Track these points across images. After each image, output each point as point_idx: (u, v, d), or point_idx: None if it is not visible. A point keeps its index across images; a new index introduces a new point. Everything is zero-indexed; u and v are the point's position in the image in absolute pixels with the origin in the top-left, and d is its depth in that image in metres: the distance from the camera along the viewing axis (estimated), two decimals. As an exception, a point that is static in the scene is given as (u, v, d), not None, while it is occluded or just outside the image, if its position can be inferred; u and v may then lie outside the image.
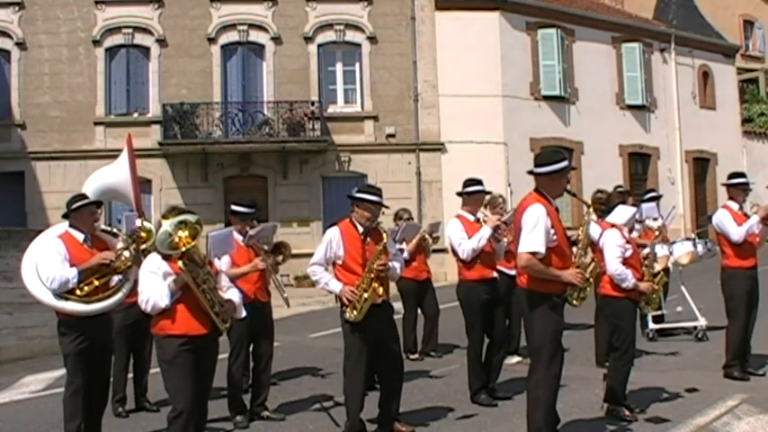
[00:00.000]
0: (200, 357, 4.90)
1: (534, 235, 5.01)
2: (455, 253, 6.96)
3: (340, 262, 5.88)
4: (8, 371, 9.73)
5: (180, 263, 4.75)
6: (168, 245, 4.73)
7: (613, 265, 6.11)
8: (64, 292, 5.48)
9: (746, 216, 7.29)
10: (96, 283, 5.58)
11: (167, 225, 4.77)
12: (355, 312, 5.72)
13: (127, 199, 6.85)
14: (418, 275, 9.30)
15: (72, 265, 5.53)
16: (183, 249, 4.71)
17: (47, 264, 5.52)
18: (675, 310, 10.00)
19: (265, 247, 6.76)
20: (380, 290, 5.75)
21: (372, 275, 5.75)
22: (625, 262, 6.18)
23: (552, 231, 5.09)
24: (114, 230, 6.23)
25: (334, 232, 5.94)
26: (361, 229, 5.91)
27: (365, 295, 5.71)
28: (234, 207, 6.87)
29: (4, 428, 7.00)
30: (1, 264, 10.62)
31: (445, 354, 9.43)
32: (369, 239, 5.90)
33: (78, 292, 5.51)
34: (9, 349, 10.53)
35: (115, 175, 6.81)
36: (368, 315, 5.73)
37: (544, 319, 5.10)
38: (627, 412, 6.10)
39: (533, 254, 5.02)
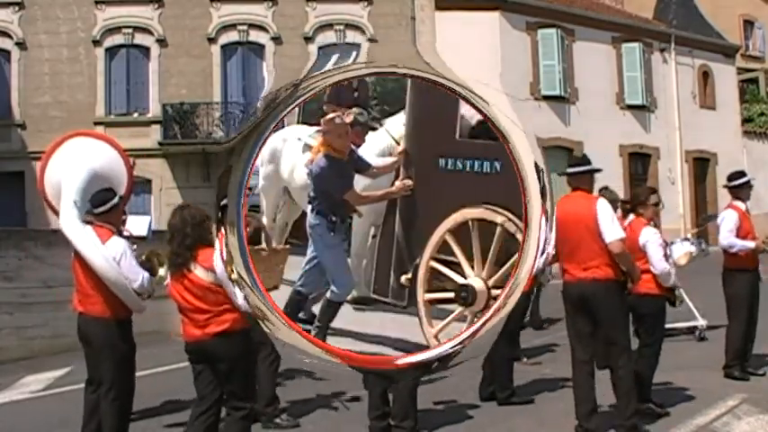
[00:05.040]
0: None
1: (617, 224, 5.39)
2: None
3: None
4: (8, 371, 9.71)
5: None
6: None
7: (662, 264, 6.16)
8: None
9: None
10: None
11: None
12: None
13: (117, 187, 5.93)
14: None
15: None
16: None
17: (131, 264, 5.49)
18: (675, 309, 9.97)
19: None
20: None
21: None
22: None
23: None
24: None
25: None
26: None
27: None
28: None
29: (4, 428, 6.98)
30: (1, 264, 10.61)
31: (445, 354, 9.41)
32: None
33: None
34: (9, 349, 10.51)
35: (104, 160, 6.17)
36: None
37: (625, 310, 5.56)
38: (654, 407, 6.13)
39: (623, 240, 5.35)
